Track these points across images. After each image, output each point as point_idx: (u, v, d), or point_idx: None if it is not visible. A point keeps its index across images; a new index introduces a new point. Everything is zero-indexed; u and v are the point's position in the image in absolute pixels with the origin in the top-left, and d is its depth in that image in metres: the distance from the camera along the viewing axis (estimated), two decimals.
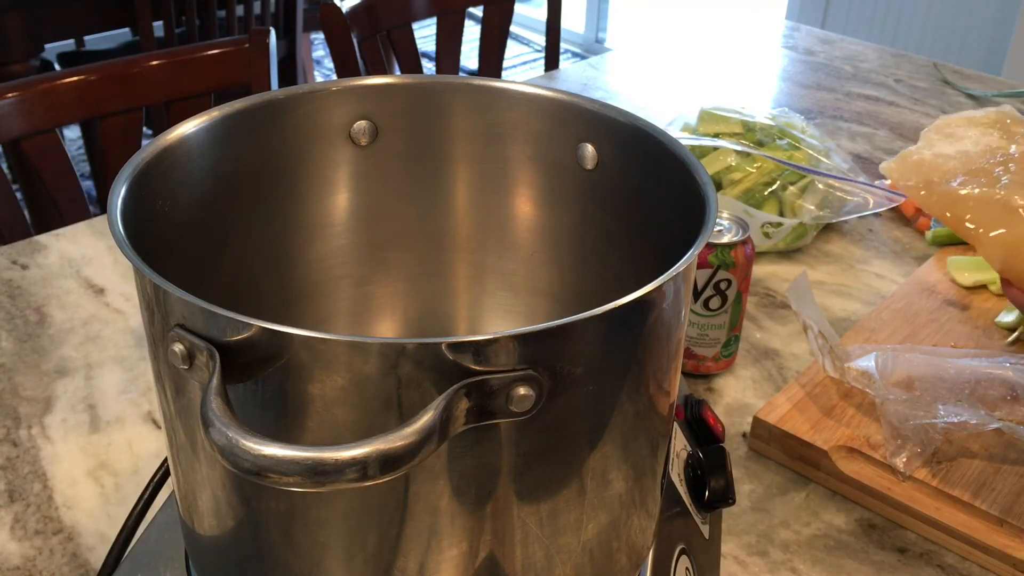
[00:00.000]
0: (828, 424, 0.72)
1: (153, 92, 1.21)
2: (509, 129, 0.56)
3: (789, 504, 0.70)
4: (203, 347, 0.37)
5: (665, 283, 0.39)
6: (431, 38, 1.64)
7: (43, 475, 0.71)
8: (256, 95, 0.52)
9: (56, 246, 1.00)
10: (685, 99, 1.37)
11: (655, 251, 0.50)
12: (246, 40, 1.26)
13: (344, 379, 0.36)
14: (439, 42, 1.59)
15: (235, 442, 0.33)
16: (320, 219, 0.57)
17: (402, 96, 0.56)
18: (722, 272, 0.77)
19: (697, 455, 0.61)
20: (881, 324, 0.84)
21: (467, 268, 0.61)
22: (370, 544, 0.41)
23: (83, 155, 2.71)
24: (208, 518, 0.44)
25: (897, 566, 0.65)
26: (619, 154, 0.53)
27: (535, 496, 0.41)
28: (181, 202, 0.49)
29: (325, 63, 3.70)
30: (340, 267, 0.59)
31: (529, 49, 3.97)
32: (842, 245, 1.03)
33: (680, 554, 0.56)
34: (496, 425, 0.37)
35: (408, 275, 0.61)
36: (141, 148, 0.46)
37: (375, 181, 0.58)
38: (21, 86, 1.10)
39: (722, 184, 1.01)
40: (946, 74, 1.49)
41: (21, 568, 0.63)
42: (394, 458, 0.33)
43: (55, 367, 0.82)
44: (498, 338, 0.35)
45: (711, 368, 0.82)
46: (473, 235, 0.60)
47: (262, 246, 0.55)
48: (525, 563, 0.42)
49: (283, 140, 0.54)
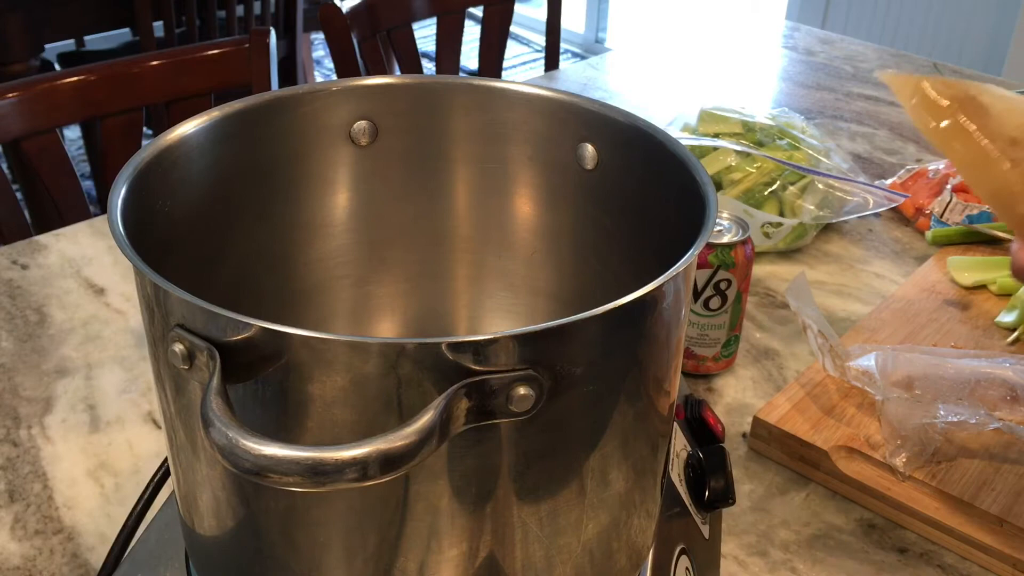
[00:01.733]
0: (828, 424, 0.72)
1: (153, 92, 1.21)
2: (509, 129, 0.56)
3: (789, 504, 0.70)
4: (203, 347, 0.37)
5: (665, 283, 0.39)
6: (431, 38, 1.64)
7: (43, 475, 0.71)
8: (256, 95, 0.52)
9: (56, 246, 1.00)
10: (685, 99, 1.37)
11: (655, 251, 0.50)
12: (246, 40, 1.26)
13: (344, 379, 0.36)
14: (439, 42, 1.59)
15: (235, 442, 0.33)
16: (320, 219, 0.57)
17: (402, 96, 0.56)
18: (722, 272, 0.77)
19: (697, 455, 0.61)
20: (881, 324, 0.84)
21: (467, 268, 0.61)
22: (370, 544, 0.41)
23: (83, 155, 2.71)
24: (208, 518, 0.44)
25: (897, 566, 0.65)
26: (619, 154, 0.53)
27: (535, 496, 0.41)
28: (181, 202, 0.49)
29: (325, 63, 3.70)
30: (340, 267, 0.59)
31: (529, 49, 3.97)
32: (842, 245, 1.03)
33: (680, 554, 0.56)
34: (496, 425, 0.37)
35: (408, 275, 0.61)
36: (141, 148, 0.46)
37: (375, 181, 0.58)
38: (21, 86, 1.10)
39: (722, 184, 1.01)
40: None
41: (21, 568, 0.63)
42: (394, 458, 0.33)
43: (55, 367, 0.82)
44: (498, 338, 0.35)
45: (711, 368, 0.82)
46: (473, 235, 0.60)
47: (262, 246, 0.55)
48: (525, 563, 0.42)
49: (283, 140, 0.54)
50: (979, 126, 0.58)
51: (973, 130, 0.58)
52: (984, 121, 0.58)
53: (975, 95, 0.59)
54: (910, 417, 0.69)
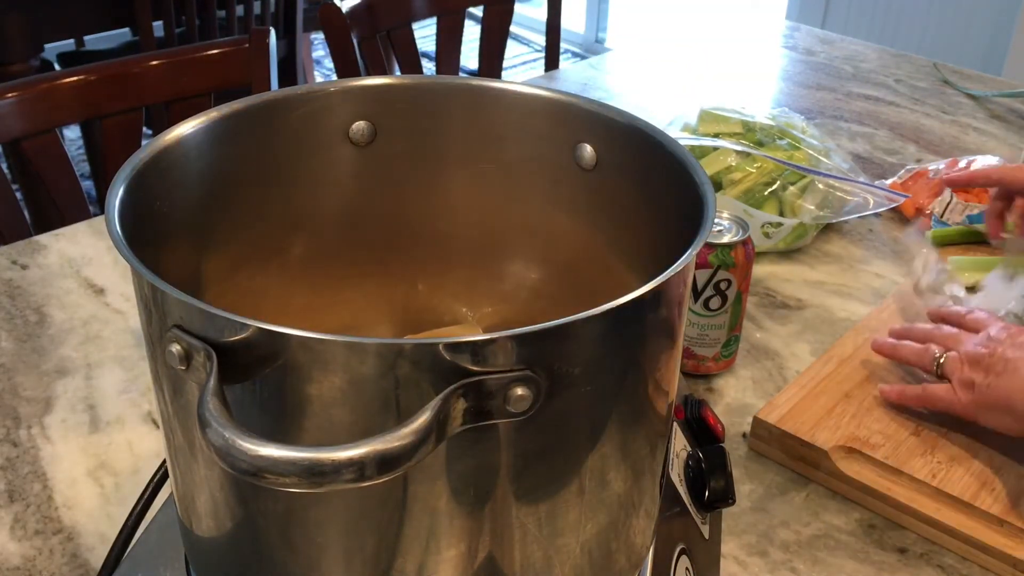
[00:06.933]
0: (828, 424, 0.72)
1: (153, 92, 1.21)
2: (508, 130, 0.56)
3: (789, 504, 0.70)
4: (200, 348, 0.37)
5: (664, 283, 0.39)
6: (431, 38, 1.64)
7: (43, 475, 0.71)
8: (255, 95, 0.52)
9: (56, 246, 1.00)
10: (685, 99, 1.37)
11: (654, 251, 0.50)
12: (246, 40, 1.26)
13: (342, 380, 0.36)
14: (439, 42, 1.59)
15: (232, 443, 0.33)
16: (319, 219, 0.57)
17: (401, 96, 0.56)
18: (722, 272, 0.77)
19: (697, 455, 0.61)
20: (881, 324, 0.84)
21: (465, 268, 0.61)
22: (368, 545, 0.41)
23: (83, 155, 2.71)
24: (206, 519, 0.44)
25: (897, 566, 0.65)
26: (618, 154, 0.53)
27: (533, 497, 0.41)
28: (179, 203, 0.49)
29: (325, 63, 3.70)
30: (338, 267, 0.59)
31: (529, 49, 3.97)
32: (842, 245, 1.03)
33: (680, 554, 0.56)
34: (494, 425, 0.37)
35: (406, 275, 0.61)
36: (139, 149, 0.46)
37: (375, 181, 0.58)
38: (21, 86, 1.10)
39: (722, 184, 1.00)
40: (946, 74, 1.49)
41: (21, 568, 0.63)
42: (391, 458, 0.33)
43: (55, 367, 0.82)
44: (496, 338, 0.35)
45: (711, 368, 0.82)
46: (472, 235, 0.60)
47: (260, 246, 0.55)
48: (524, 564, 0.42)
49: (282, 140, 0.54)
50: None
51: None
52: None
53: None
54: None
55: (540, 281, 0.60)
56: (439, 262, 0.61)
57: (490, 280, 0.61)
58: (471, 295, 0.62)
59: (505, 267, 0.61)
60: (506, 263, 0.60)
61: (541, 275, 0.60)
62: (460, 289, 0.62)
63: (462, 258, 0.61)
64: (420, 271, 0.61)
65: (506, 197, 0.58)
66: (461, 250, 0.60)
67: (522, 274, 0.60)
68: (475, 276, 0.61)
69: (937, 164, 1.10)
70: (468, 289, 0.62)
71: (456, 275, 0.61)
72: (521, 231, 0.59)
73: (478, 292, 0.62)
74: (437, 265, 0.61)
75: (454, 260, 0.61)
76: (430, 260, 0.61)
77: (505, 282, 0.61)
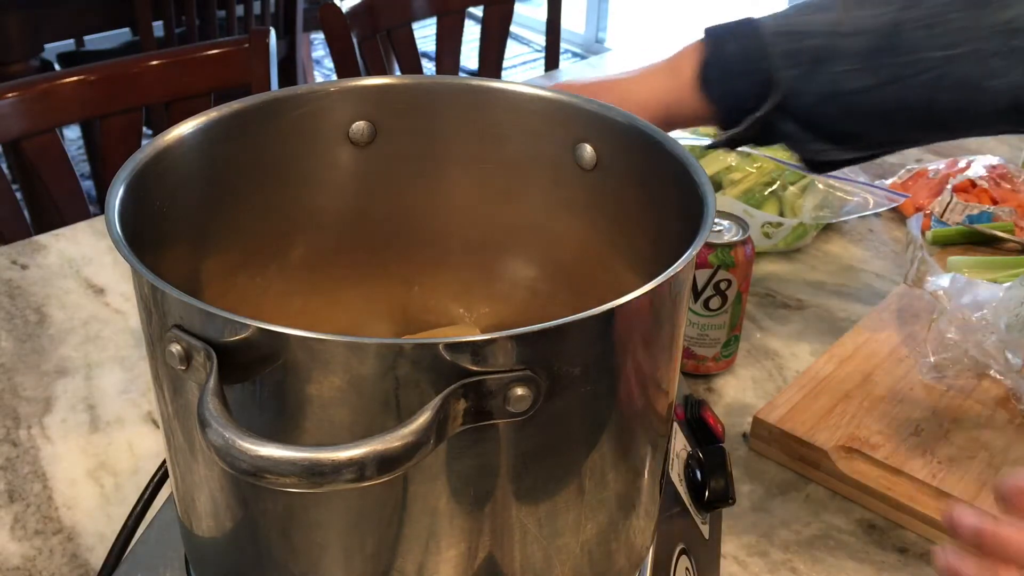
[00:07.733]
0: (828, 424, 0.72)
1: (153, 92, 1.21)
2: (508, 129, 0.56)
3: (789, 504, 0.70)
4: (200, 348, 0.37)
5: (663, 283, 0.39)
6: (431, 38, 1.64)
7: (43, 475, 0.71)
8: (255, 95, 0.52)
9: (56, 246, 1.00)
10: None
11: (654, 251, 0.50)
12: (246, 40, 1.26)
13: (342, 380, 0.36)
14: (439, 42, 1.59)
15: (232, 443, 0.33)
16: (319, 219, 0.57)
17: (402, 96, 0.56)
18: (722, 272, 0.77)
19: (697, 455, 0.61)
20: (881, 324, 0.84)
21: (465, 269, 0.61)
22: (368, 545, 0.41)
23: (83, 155, 2.71)
24: (206, 519, 0.44)
25: (897, 566, 0.65)
26: (618, 154, 0.53)
27: (533, 497, 0.41)
28: (179, 202, 0.49)
29: (325, 63, 3.70)
30: (338, 267, 0.59)
31: (529, 49, 3.97)
32: (842, 245, 1.03)
33: (680, 554, 0.56)
34: (494, 426, 0.37)
35: (406, 275, 0.61)
36: (139, 149, 0.46)
37: (374, 181, 0.58)
38: (21, 86, 1.10)
39: (722, 184, 1.00)
40: None
41: (21, 568, 0.63)
42: (391, 458, 0.33)
43: (55, 367, 0.82)
44: (496, 338, 0.35)
45: (711, 368, 0.82)
46: (472, 235, 0.60)
47: (260, 246, 0.55)
48: (524, 564, 0.42)
49: (282, 141, 0.54)
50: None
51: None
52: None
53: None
54: (964, 336, 0.73)
55: (540, 281, 0.60)
56: (439, 262, 0.61)
57: (490, 280, 0.61)
58: (471, 295, 0.62)
59: (505, 267, 0.61)
60: (506, 263, 0.60)
61: (541, 275, 0.60)
62: (460, 289, 0.62)
63: (462, 258, 0.61)
64: (419, 271, 0.61)
65: (506, 197, 0.58)
66: (461, 250, 0.60)
67: (522, 274, 0.60)
68: (475, 276, 0.61)
69: (937, 164, 1.10)
70: (467, 289, 0.62)
71: (456, 275, 0.61)
72: (521, 231, 0.59)
73: (478, 292, 0.62)
74: (437, 265, 0.61)
75: (454, 260, 0.61)
76: (430, 260, 0.61)
77: (505, 282, 0.61)
